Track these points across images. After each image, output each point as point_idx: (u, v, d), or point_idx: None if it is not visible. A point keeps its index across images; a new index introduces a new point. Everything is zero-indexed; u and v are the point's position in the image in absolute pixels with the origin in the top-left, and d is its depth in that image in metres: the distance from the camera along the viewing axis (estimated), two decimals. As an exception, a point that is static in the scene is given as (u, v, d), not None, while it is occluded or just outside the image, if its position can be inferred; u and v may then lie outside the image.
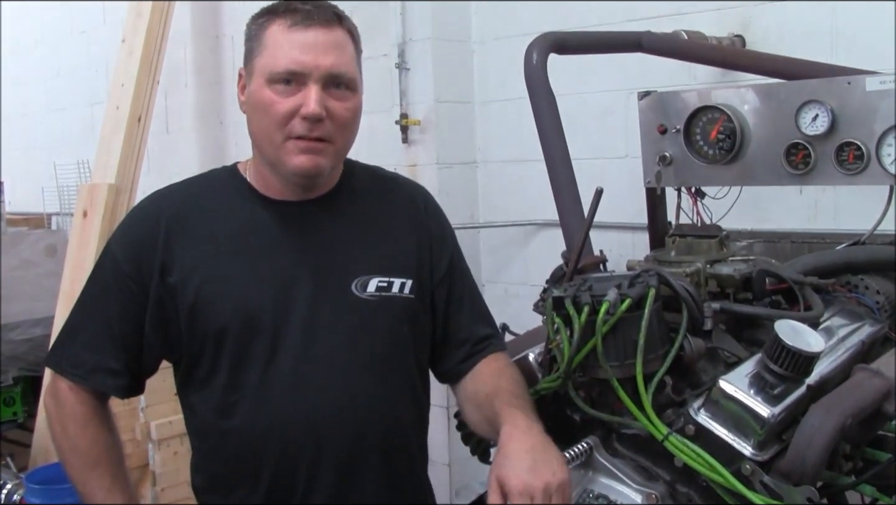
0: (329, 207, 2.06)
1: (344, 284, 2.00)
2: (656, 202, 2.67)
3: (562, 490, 1.66)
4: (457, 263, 2.20)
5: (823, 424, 1.67)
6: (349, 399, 1.97)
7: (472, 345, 2.13)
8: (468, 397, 2.09)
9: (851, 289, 2.34)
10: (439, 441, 4.33)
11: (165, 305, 1.96)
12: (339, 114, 1.92)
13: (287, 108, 1.88)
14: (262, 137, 1.96)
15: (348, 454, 1.98)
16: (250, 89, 1.96)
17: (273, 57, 1.90)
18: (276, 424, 1.94)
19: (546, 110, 2.50)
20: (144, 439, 4.42)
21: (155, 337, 1.99)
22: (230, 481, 2.01)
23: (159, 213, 2.01)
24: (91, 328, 2.02)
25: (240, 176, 2.08)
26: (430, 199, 2.25)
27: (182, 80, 5.99)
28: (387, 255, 2.07)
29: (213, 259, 1.97)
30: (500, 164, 4.51)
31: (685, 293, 1.87)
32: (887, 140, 2.20)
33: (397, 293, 2.04)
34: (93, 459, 2.01)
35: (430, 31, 4.37)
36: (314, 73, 1.88)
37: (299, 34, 1.89)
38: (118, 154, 5.12)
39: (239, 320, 1.94)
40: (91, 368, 1.99)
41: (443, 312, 2.14)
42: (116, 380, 2.01)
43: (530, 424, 1.80)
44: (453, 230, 2.26)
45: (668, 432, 1.73)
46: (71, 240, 5.18)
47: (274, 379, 1.94)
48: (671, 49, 3.17)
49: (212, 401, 1.98)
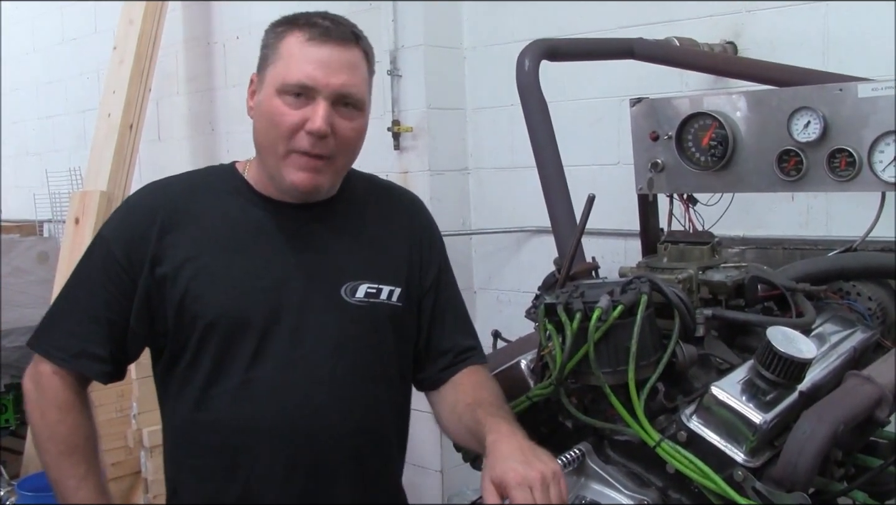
0: (325, 213, 2.07)
1: (334, 288, 2.02)
2: (648, 209, 2.67)
3: (557, 479, 1.67)
4: (444, 273, 2.22)
5: (815, 430, 1.67)
6: (328, 405, 1.98)
7: (455, 355, 2.16)
8: (448, 406, 2.11)
9: (843, 295, 2.35)
10: (431, 448, 4.33)
11: (152, 296, 1.97)
12: (345, 133, 1.94)
13: (293, 121, 1.90)
14: (266, 147, 1.97)
15: (323, 460, 1.99)
16: (260, 97, 1.97)
17: (286, 68, 1.91)
18: (253, 424, 1.95)
19: (538, 117, 2.51)
20: (137, 447, 4.41)
21: (139, 327, 2.00)
22: (201, 474, 2.02)
23: (155, 205, 2.02)
24: (77, 314, 2.01)
25: (238, 174, 2.09)
26: (424, 210, 2.28)
27: (174, 88, 5.99)
28: (377, 262, 2.09)
29: (206, 253, 1.98)
30: (492, 171, 4.51)
31: (677, 300, 1.87)
32: (879, 147, 2.20)
33: (385, 300, 2.06)
34: (70, 446, 2.00)
35: (422, 37, 4.37)
36: (324, 90, 1.89)
37: (315, 49, 1.90)
38: (110, 161, 5.13)
39: (228, 317, 1.95)
40: (76, 352, 1.99)
41: (428, 321, 2.16)
42: (100, 365, 2.01)
43: (514, 430, 1.82)
44: (443, 241, 2.28)
45: (660, 439, 1.73)
46: (63, 247, 5.19)
47: (256, 379, 1.95)
48: (663, 56, 3.17)
49: (190, 393, 1.99)
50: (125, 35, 5.40)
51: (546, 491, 1.64)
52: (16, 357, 5.31)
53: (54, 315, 2.06)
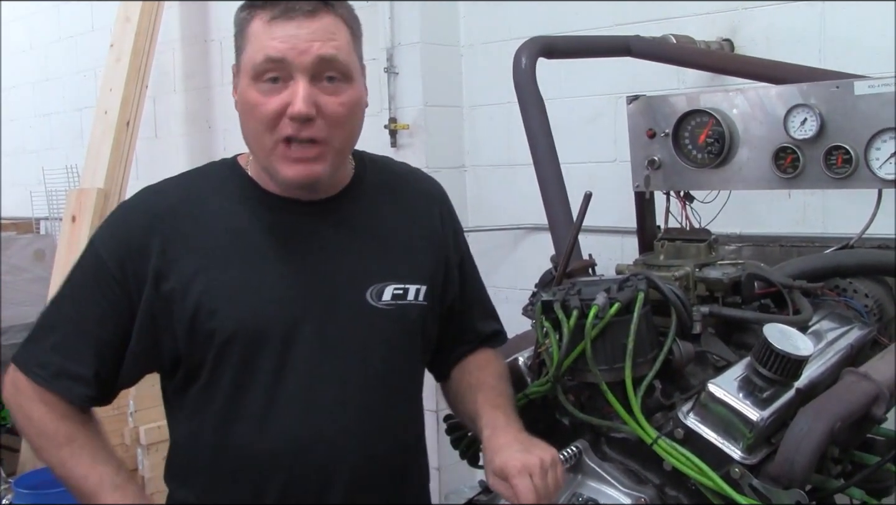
0: (340, 208, 1.90)
1: (358, 293, 1.86)
2: (645, 206, 2.67)
3: (555, 465, 1.68)
4: (467, 264, 2.13)
5: (812, 427, 1.67)
6: (360, 420, 1.85)
7: (475, 344, 2.11)
8: (452, 387, 2.09)
9: (840, 292, 2.35)
10: (428, 446, 4.32)
11: (158, 315, 1.79)
12: (332, 110, 1.74)
13: (273, 109, 1.72)
14: (252, 141, 1.79)
15: (358, 476, 1.85)
16: (239, 88, 1.80)
17: (253, 52, 1.74)
18: (282, 445, 1.80)
19: (535, 114, 2.51)
20: (134, 444, 4.39)
21: (141, 348, 1.82)
22: (221, 498, 1.86)
23: (152, 214, 1.82)
24: (63, 329, 1.84)
25: (240, 170, 1.91)
26: (445, 197, 2.13)
27: (171, 85, 5.97)
28: (401, 259, 1.94)
29: (216, 263, 1.80)
30: (489, 169, 4.51)
31: (674, 297, 1.88)
32: (875, 144, 2.20)
33: (413, 300, 1.91)
34: (64, 437, 1.82)
35: (418, 35, 4.36)
36: (299, 65, 1.70)
37: (280, 26, 1.71)
38: (107, 159, 5.12)
39: (245, 332, 1.78)
40: (56, 371, 1.82)
41: (456, 313, 2.07)
42: (82, 388, 1.82)
43: (509, 421, 1.82)
44: (462, 228, 2.17)
45: (657, 436, 1.73)
46: (59, 245, 5.18)
47: (281, 396, 1.80)
48: (660, 53, 3.17)
49: (209, 416, 1.83)
50: (122, 32, 5.40)
51: (545, 476, 1.65)
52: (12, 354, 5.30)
53: (40, 329, 1.89)
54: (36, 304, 5.09)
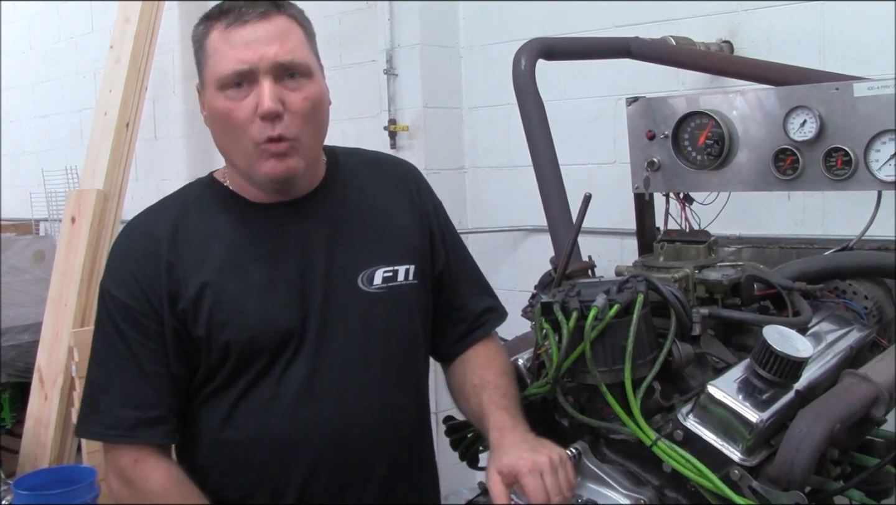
0: (321, 203, 1.97)
1: (350, 281, 1.93)
2: (644, 208, 2.67)
3: (565, 463, 1.71)
4: (451, 238, 2.17)
5: (812, 429, 1.67)
6: (362, 407, 1.91)
7: (470, 323, 2.13)
8: (457, 385, 2.09)
9: (840, 294, 2.35)
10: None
11: (181, 334, 1.85)
12: (297, 106, 1.81)
13: (245, 113, 1.80)
14: (230, 149, 1.87)
15: (361, 462, 1.92)
16: (206, 102, 1.88)
17: (216, 63, 1.82)
18: (286, 435, 1.87)
19: (534, 116, 2.51)
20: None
21: (179, 367, 1.87)
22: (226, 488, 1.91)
23: (147, 242, 1.88)
24: (118, 382, 1.86)
25: (220, 185, 1.98)
26: (420, 176, 2.18)
27: (170, 87, 5.98)
28: (387, 242, 2.00)
29: (218, 277, 1.85)
30: (489, 170, 4.51)
31: (673, 299, 1.87)
32: (875, 146, 2.20)
33: (403, 281, 1.98)
34: None
35: (418, 36, 4.37)
36: (262, 68, 1.78)
37: (236, 33, 1.80)
38: (106, 160, 5.13)
39: (257, 338, 1.85)
40: (132, 424, 1.84)
41: (444, 289, 2.11)
42: (163, 426, 1.86)
43: (515, 422, 1.83)
44: (443, 204, 2.20)
45: (656, 438, 1.73)
46: (59, 246, 5.18)
47: (285, 391, 1.86)
48: (659, 55, 3.17)
49: (218, 411, 1.89)
50: (122, 34, 5.40)
51: (556, 475, 1.67)
52: (12, 355, 5.31)
53: (92, 393, 1.89)
54: (36, 305, 5.11)
